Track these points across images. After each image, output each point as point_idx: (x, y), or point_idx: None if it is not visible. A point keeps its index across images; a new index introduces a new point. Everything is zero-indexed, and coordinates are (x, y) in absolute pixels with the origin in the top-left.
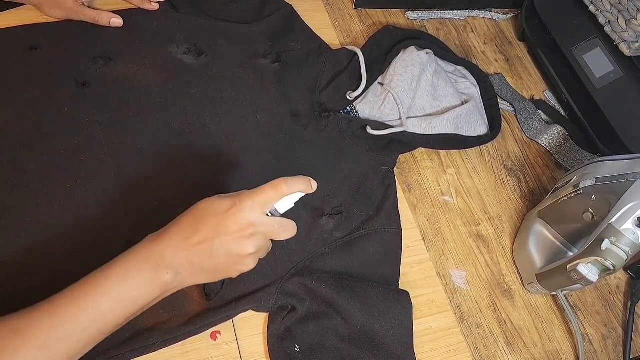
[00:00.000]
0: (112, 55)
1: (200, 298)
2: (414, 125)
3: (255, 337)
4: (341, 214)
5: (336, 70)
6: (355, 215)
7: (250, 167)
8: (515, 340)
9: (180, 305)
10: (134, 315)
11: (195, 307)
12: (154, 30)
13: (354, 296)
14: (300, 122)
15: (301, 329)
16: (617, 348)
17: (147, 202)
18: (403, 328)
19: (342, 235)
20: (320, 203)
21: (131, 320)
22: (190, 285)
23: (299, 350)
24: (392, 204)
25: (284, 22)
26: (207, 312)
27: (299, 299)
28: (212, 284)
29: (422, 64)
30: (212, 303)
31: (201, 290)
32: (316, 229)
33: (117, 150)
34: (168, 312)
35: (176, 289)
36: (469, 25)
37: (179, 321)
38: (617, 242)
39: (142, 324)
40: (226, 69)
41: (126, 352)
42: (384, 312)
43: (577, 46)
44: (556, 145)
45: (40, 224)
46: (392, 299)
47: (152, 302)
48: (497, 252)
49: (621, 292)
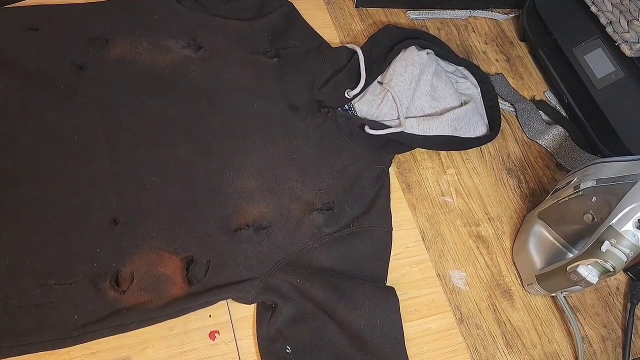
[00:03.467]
0: (109, 37)
1: (183, 283)
2: (412, 125)
3: (254, 337)
4: (332, 209)
5: (335, 68)
6: (346, 212)
7: (244, 157)
8: (514, 341)
9: (161, 288)
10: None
11: (176, 291)
12: (154, 22)
13: (340, 295)
14: (298, 116)
15: (292, 330)
16: (616, 349)
17: (136, 184)
18: (390, 324)
19: (331, 231)
20: (312, 197)
21: (111, 300)
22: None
23: (290, 351)
24: (384, 202)
25: (284, 20)
26: (187, 297)
27: (283, 296)
28: (196, 270)
29: (422, 64)
30: (193, 289)
31: (184, 275)
32: (306, 224)
33: (111, 132)
34: (149, 293)
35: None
36: (470, 25)
37: (158, 303)
38: (617, 243)
39: (121, 304)
40: (225, 63)
41: (103, 329)
42: (369, 309)
43: (578, 47)
44: (557, 146)
45: (29, 197)
46: (377, 296)
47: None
48: (497, 252)
49: (621, 293)
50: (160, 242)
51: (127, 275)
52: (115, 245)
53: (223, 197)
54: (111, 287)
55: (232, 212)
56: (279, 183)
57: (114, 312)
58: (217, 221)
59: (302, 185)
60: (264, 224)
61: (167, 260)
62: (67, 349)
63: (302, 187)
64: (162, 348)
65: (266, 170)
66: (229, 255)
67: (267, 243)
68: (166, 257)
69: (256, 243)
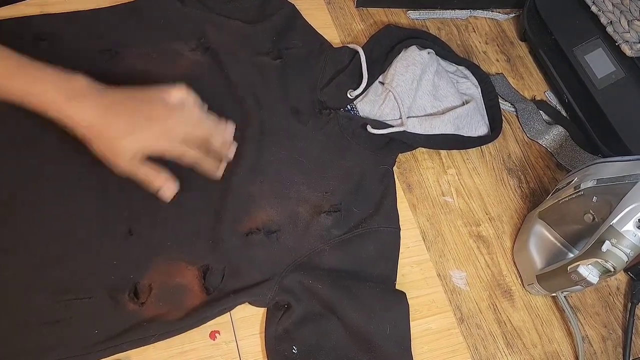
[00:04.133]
0: (119, 49)
1: (200, 292)
2: (414, 125)
3: (254, 337)
4: (339, 211)
5: (337, 69)
6: (354, 213)
7: (250, 162)
8: (515, 341)
9: (179, 299)
10: None
11: (194, 301)
12: (161, 25)
13: (351, 297)
14: (301, 119)
15: (299, 331)
16: (616, 349)
17: (146, 193)
18: (399, 330)
19: (340, 233)
20: (319, 200)
21: (130, 313)
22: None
23: (296, 352)
24: (391, 203)
25: (286, 21)
26: (205, 306)
27: (296, 297)
28: (212, 279)
29: (423, 63)
30: (211, 297)
31: (201, 284)
32: (314, 226)
33: None
34: (167, 305)
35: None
36: (471, 25)
37: (177, 314)
38: (617, 243)
39: (141, 316)
40: (230, 65)
41: (123, 344)
42: (380, 313)
43: (578, 46)
44: (557, 146)
45: (42, 212)
46: (388, 300)
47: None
48: (498, 252)
49: (621, 293)
50: (176, 251)
51: (145, 287)
52: (131, 256)
53: (232, 201)
54: (130, 299)
55: (242, 216)
56: (286, 187)
57: (133, 325)
58: (229, 226)
59: (308, 187)
60: (274, 228)
61: (184, 270)
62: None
63: (309, 190)
64: (162, 348)
65: (272, 174)
66: (243, 260)
67: (277, 246)
68: (183, 267)
69: (267, 247)
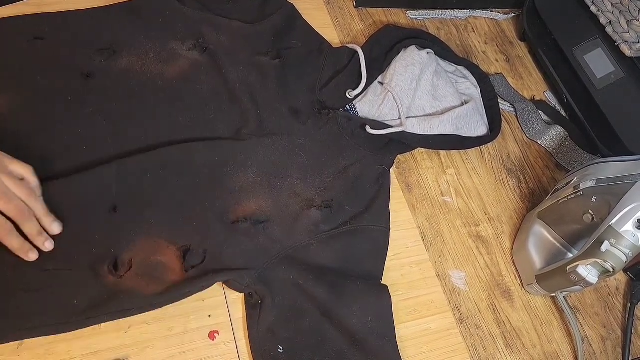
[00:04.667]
0: (116, 48)
1: (180, 270)
2: (414, 125)
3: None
4: (331, 207)
5: (336, 69)
6: (345, 210)
7: (247, 155)
8: (514, 341)
9: (158, 275)
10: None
11: (173, 277)
12: (159, 24)
13: (333, 292)
14: (300, 119)
15: (283, 330)
16: (616, 350)
17: (137, 174)
18: (382, 321)
19: (328, 228)
20: (311, 195)
21: (109, 284)
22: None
23: (282, 351)
24: (383, 202)
25: (285, 21)
26: (184, 282)
27: (274, 291)
28: (192, 259)
29: (422, 63)
30: (189, 274)
31: (181, 263)
32: (303, 220)
33: (120, 142)
34: (146, 279)
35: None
36: (470, 25)
37: (156, 288)
38: (617, 244)
39: (119, 288)
40: (229, 65)
41: (103, 315)
42: (361, 306)
43: (578, 46)
44: (556, 146)
45: None
46: (369, 293)
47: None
48: (497, 253)
49: (620, 293)
50: (159, 230)
51: (125, 261)
52: (114, 232)
53: (223, 190)
54: (109, 271)
55: (232, 205)
56: (280, 180)
57: (112, 296)
58: (216, 213)
59: (302, 182)
60: (262, 219)
61: (165, 248)
62: (67, 349)
63: (303, 185)
64: (161, 348)
65: (268, 168)
66: (226, 246)
67: (264, 237)
68: (164, 246)
69: (253, 236)
